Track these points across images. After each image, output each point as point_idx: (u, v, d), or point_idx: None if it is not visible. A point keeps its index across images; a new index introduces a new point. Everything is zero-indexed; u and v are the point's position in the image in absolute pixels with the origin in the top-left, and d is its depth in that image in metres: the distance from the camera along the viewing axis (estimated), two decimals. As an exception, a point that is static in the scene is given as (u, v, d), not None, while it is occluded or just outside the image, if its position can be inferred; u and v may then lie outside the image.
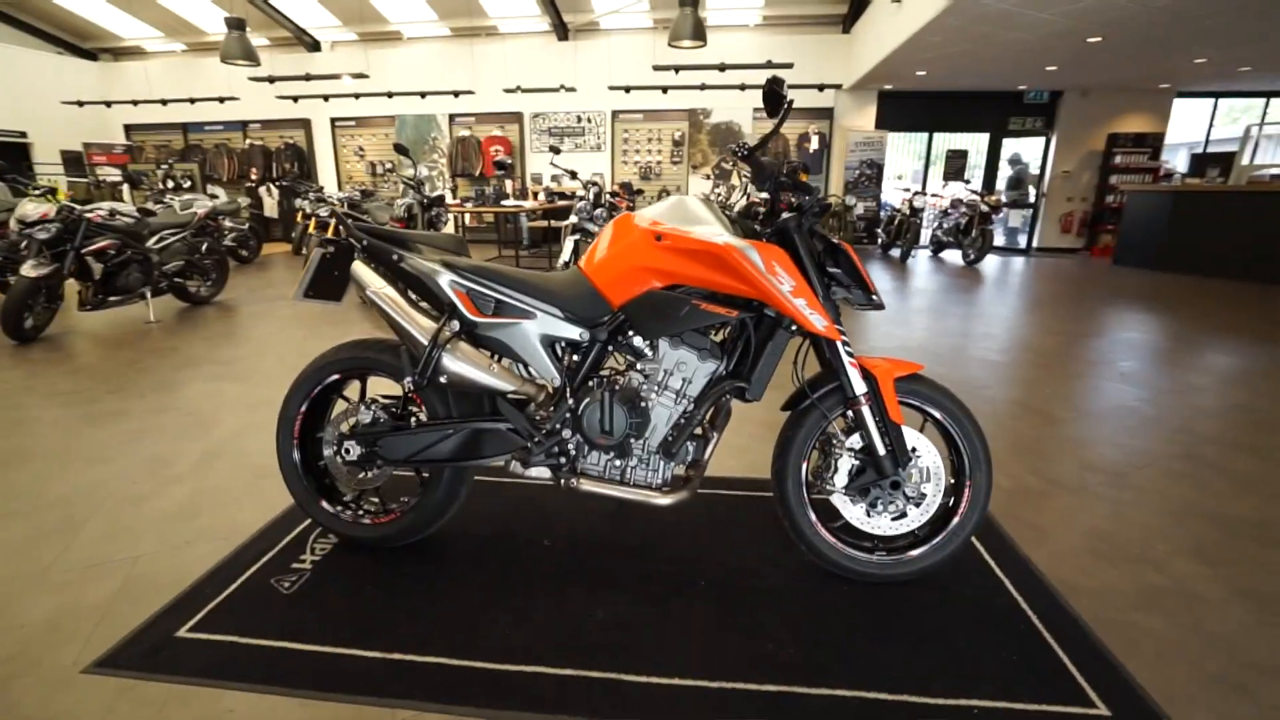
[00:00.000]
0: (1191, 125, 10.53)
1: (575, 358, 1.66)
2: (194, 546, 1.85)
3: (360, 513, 1.81)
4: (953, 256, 9.63)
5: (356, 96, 10.28)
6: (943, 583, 1.69)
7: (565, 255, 5.52)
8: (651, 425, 1.61)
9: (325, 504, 1.80)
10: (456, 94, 9.92)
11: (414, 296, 1.68)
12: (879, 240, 10.10)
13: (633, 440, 1.61)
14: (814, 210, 1.57)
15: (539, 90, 9.84)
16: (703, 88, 9.90)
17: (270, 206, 11.51)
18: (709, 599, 1.62)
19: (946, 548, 1.63)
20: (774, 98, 1.48)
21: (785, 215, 1.57)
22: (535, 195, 9.03)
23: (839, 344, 1.57)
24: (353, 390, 1.89)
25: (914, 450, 1.62)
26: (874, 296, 1.60)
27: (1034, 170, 10.73)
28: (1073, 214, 10.56)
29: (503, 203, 6.73)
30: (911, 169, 11.68)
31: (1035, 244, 10.87)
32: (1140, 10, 5.63)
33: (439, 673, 1.36)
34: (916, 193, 9.24)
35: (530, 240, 10.35)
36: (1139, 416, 2.98)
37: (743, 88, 9.78)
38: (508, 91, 10.13)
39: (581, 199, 5.70)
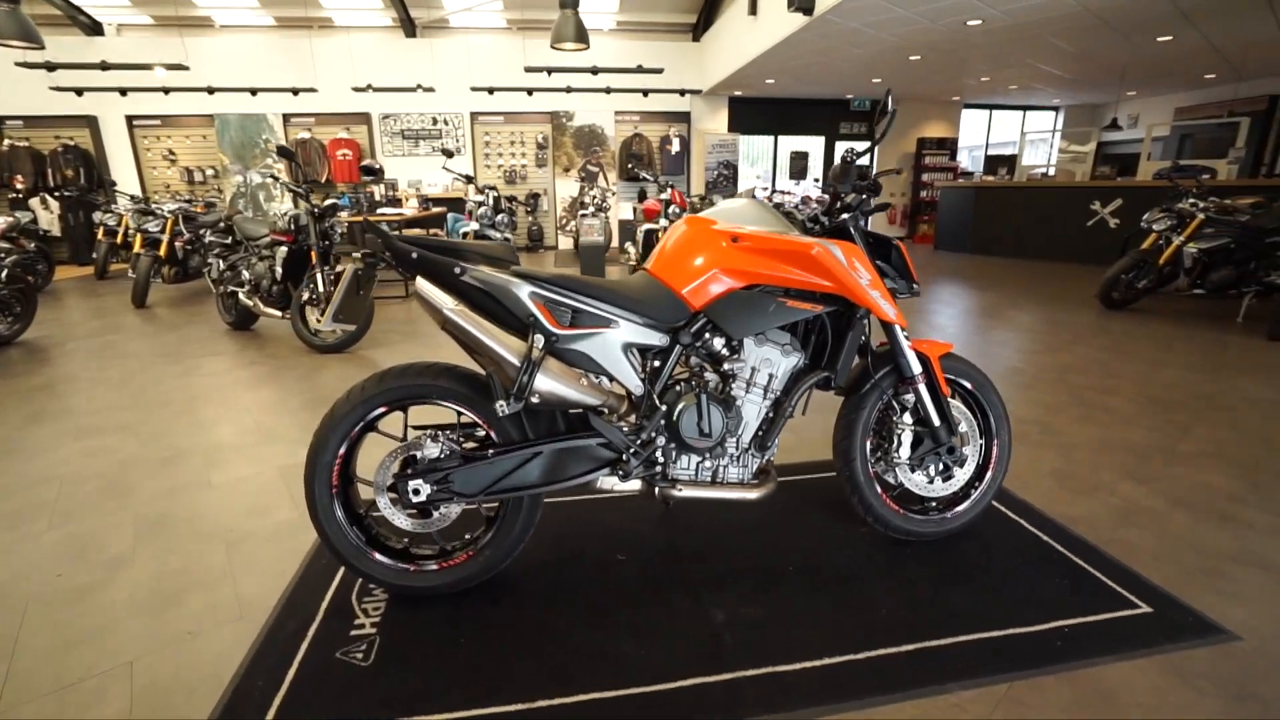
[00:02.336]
0: (974, 131, 12.68)
1: (655, 363, 1.64)
2: (202, 637, 1.52)
3: (422, 561, 1.61)
4: (808, 248, 10.64)
5: (166, 91, 8.76)
6: (976, 534, 1.93)
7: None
8: (744, 422, 1.64)
9: (380, 557, 1.58)
10: (296, 91, 8.87)
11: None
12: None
13: (728, 439, 1.63)
14: (867, 209, 1.70)
15: (394, 90, 9.15)
16: (568, 90, 9.88)
17: (49, 221, 9.42)
18: (806, 583, 1.69)
19: (986, 498, 1.87)
20: (882, 107, 1.59)
21: (844, 215, 1.68)
22: (406, 200, 8.40)
23: (897, 329, 1.72)
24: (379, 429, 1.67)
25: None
26: (915, 286, 1.78)
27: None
28: (895, 208, 12.21)
29: (381, 210, 6.15)
30: (759, 169, 12.68)
31: (868, 234, 12.39)
32: (954, 34, 6.69)
33: (596, 709, 1.28)
34: (776, 190, 10.08)
35: (396, 250, 9.60)
36: (1026, 375, 3.58)
37: (608, 90, 9.92)
38: (357, 90, 9.29)
39: (481, 204, 5.45)
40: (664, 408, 1.59)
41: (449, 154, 5.42)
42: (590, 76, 9.64)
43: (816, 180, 11.13)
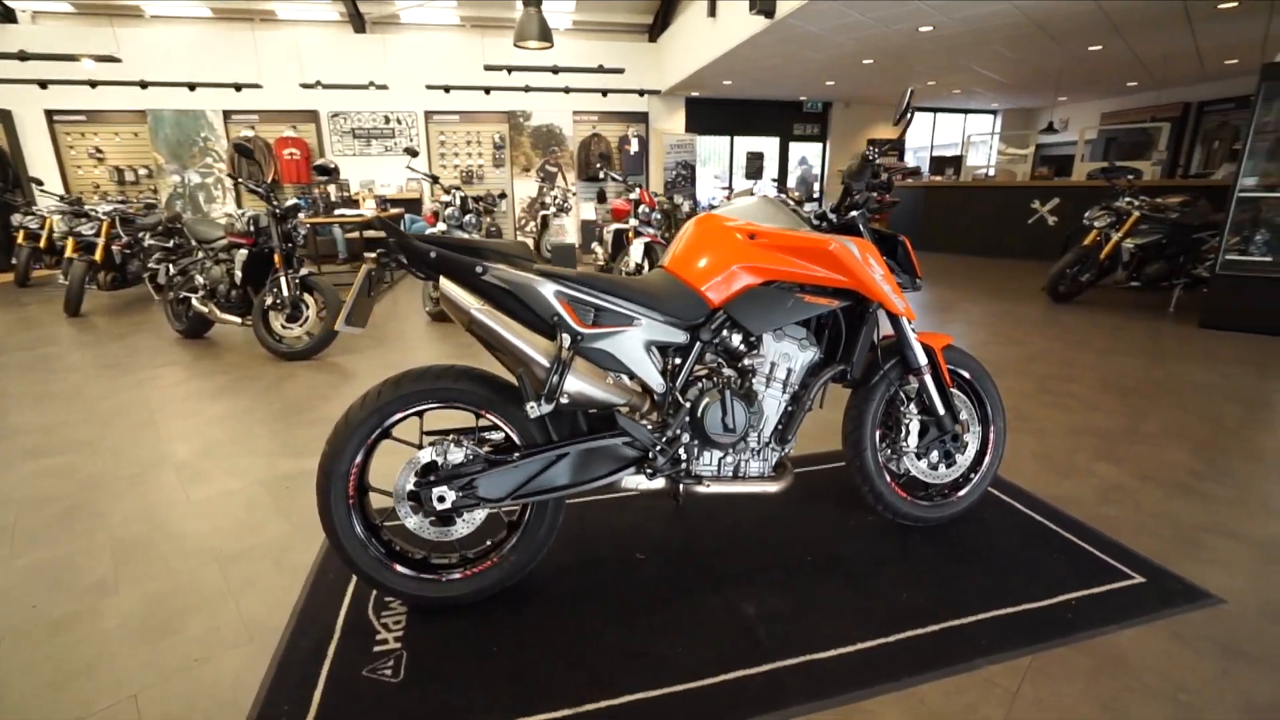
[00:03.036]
0: (920, 133, 13.21)
1: (676, 361, 1.64)
2: (210, 663, 1.44)
3: (446, 570, 1.56)
4: (766, 247, 10.85)
5: (93, 85, 8.18)
6: (976, 517, 2.01)
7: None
8: (765, 417, 1.66)
9: (402, 569, 1.52)
10: (239, 87, 8.44)
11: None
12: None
13: (749, 433, 1.65)
14: (872, 206, 1.76)
15: (344, 87, 8.82)
16: (526, 90, 9.76)
17: (-42, 226, 8.65)
18: (826, 573, 1.73)
19: (985, 482, 1.96)
20: (903, 107, 1.64)
21: (853, 213, 1.73)
22: (364, 201, 8.11)
23: (905, 321, 1.78)
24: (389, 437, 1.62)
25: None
26: (918, 280, 1.84)
27: (815, 171, 12.55)
28: (847, 207, 12.58)
29: (339, 211, 5.90)
30: (714, 169, 12.85)
31: (822, 233, 12.74)
32: (906, 39, 6.95)
33: (643, 709, 1.28)
34: (738, 191, 10.24)
35: (349, 253, 9.24)
36: (991, 365, 3.75)
37: (567, 90, 9.85)
38: (305, 87, 8.91)
39: (448, 204, 5.33)
40: (687, 404, 1.59)
41: (413, 153, 5.28)
42: (548, 76, 9.56)
43: (774, 180, 11.36)
